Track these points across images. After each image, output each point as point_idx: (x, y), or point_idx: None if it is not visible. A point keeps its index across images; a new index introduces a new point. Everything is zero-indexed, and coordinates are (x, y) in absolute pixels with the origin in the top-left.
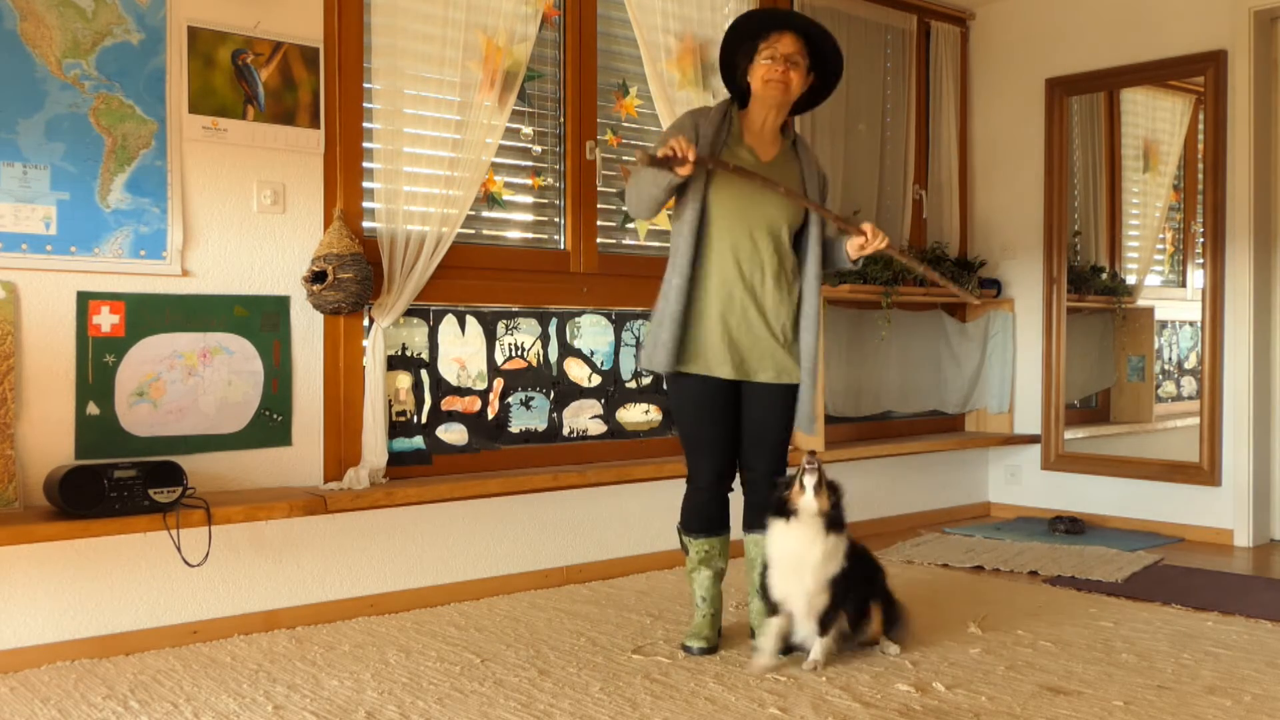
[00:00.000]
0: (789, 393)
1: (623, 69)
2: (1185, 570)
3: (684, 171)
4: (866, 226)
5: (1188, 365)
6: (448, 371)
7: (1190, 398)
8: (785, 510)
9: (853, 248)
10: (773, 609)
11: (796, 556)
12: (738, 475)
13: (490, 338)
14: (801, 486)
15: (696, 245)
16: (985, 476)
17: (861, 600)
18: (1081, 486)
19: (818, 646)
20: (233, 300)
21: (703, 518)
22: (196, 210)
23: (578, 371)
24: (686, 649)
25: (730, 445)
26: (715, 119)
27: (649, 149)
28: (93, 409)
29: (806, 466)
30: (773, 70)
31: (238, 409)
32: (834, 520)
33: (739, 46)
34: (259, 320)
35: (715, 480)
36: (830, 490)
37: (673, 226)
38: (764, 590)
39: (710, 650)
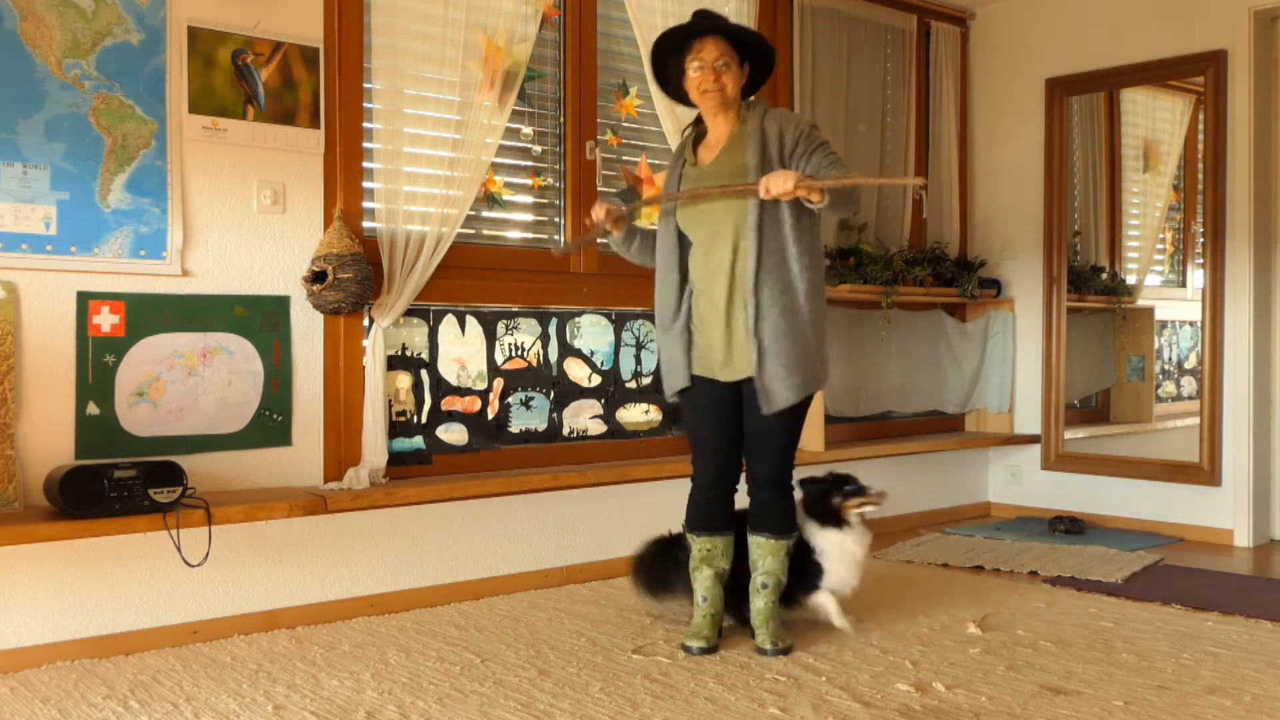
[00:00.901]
0: None
1: (623, 69)
2: (1185, 570)
3: (615, 230)
4: (759, 183)
5: (1188, 365)
6: (448, 371)
7: (1190, 398)
8: (837, 518)
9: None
10: (815, 586)
11: (855, 558)
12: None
13: (490, 338)
14: (850, 503)
15: (682, 265)
16: (985, 476)
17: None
18: (1081, 486)
19: (840, 611)
20: (233, 300)
21: (704, 516)
22: (196, 210)
23: (578, 371)
24: (686, 649)
25: (733, 446)
26: (674, 159)
27: (565, 248)
28: (93, 409)
29: (872, 499)
30: (705, 80)
31: (238, 409)
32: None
33: (668, 62)
34: (259, 320)
35: (716, 479)
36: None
37: (658, 253)
38: (810, 574)
39: (710, 650)
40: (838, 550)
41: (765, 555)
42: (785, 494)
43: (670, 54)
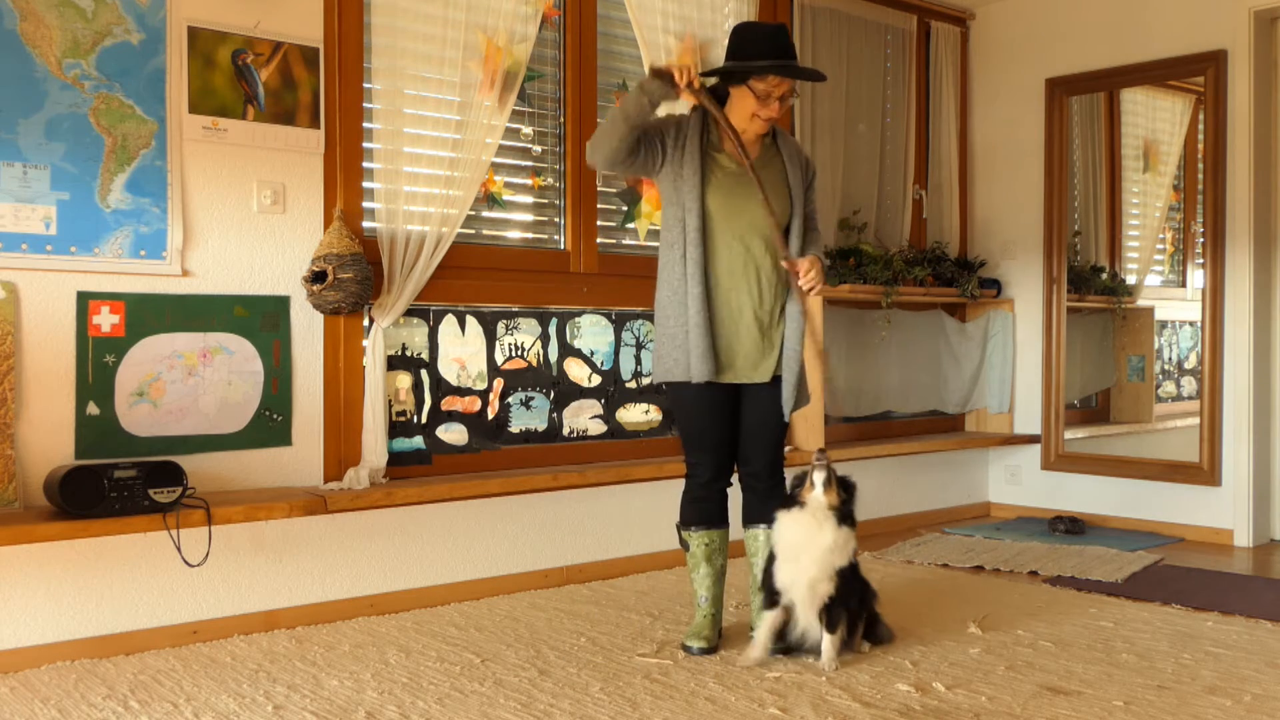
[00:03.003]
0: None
1: (623, 69)
2: (1185, 570)
3: (680, 96)
4: (801, 264)
5: (1188, 365)
6: (448, 371)
7: (1190, 398)
8: (794, 504)
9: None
10: (771, 602)
11: (802, 544)
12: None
13: (490, 338)
14: (812, 483)
15: (704, 251)
16: (985, 476)
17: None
18: (1081, 486)
19: (827, 645)
20: (233, 300)
21: (703, 511)
22: (196, 210)
23: (578, 371)
24: (687, 649)
25: (732, 443)
26: (696, 127)
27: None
28: (93, 409)
29: (816, 463)
30: (767, 109)
31: (238, 409)
32: (844, 515)
33: (741, 52)
34: (259, 320)
35: (716, 475)
36: (842, 487)
37: (665, 236)
38: (766, 584)
39: (710, 650)
40: (780, 533)
41: (764, 547)
42: (782, 480)
43: (750, 54)
